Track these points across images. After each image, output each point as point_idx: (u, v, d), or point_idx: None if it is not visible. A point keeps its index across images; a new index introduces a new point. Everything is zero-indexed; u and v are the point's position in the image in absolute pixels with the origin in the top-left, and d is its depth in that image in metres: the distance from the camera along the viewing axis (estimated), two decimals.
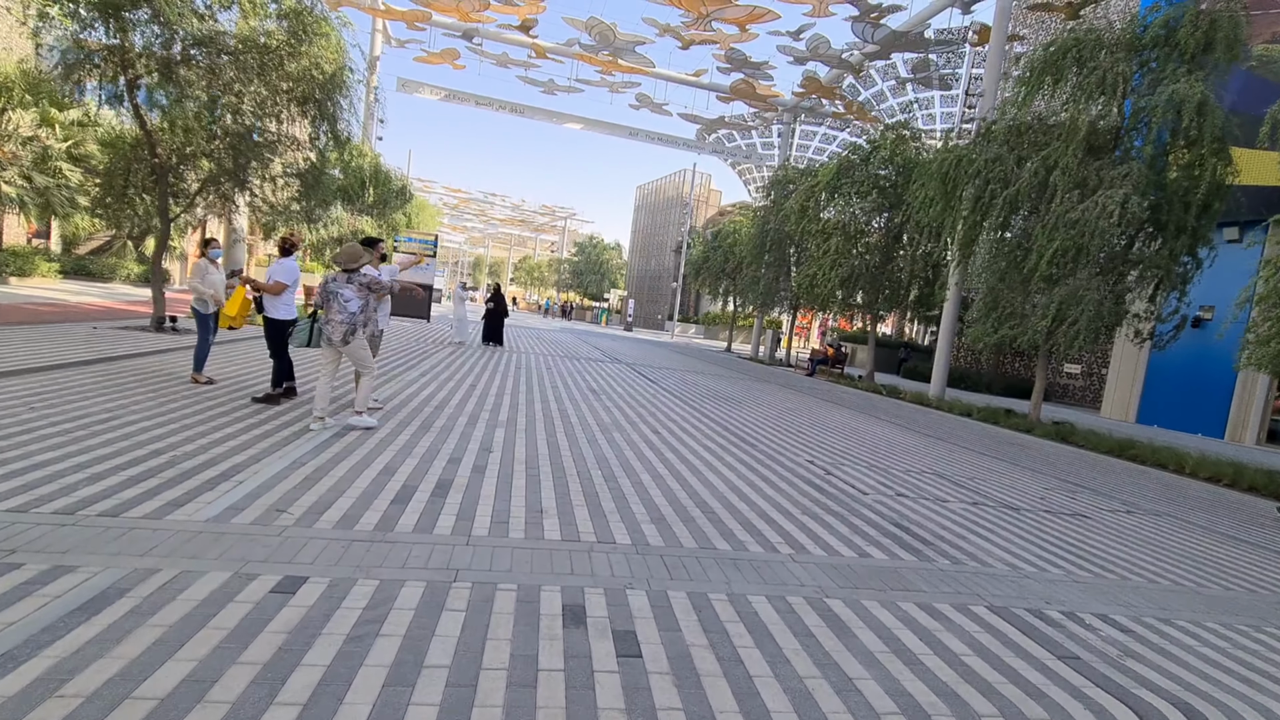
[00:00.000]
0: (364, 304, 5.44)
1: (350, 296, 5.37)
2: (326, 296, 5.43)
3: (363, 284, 5.43)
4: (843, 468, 6.50)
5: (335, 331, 5.38)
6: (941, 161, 14.38)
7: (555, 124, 26.92)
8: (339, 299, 5.36)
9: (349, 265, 5.47)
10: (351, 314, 5.36)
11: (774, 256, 26.10)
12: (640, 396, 10.14)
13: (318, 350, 5.85)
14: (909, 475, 6.59)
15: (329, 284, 5.45)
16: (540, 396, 8.83)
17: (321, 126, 11.54)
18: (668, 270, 59.07)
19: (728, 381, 15.10)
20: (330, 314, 5.41)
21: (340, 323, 5.36)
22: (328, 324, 5.44)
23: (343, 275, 5.47)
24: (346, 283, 5.40)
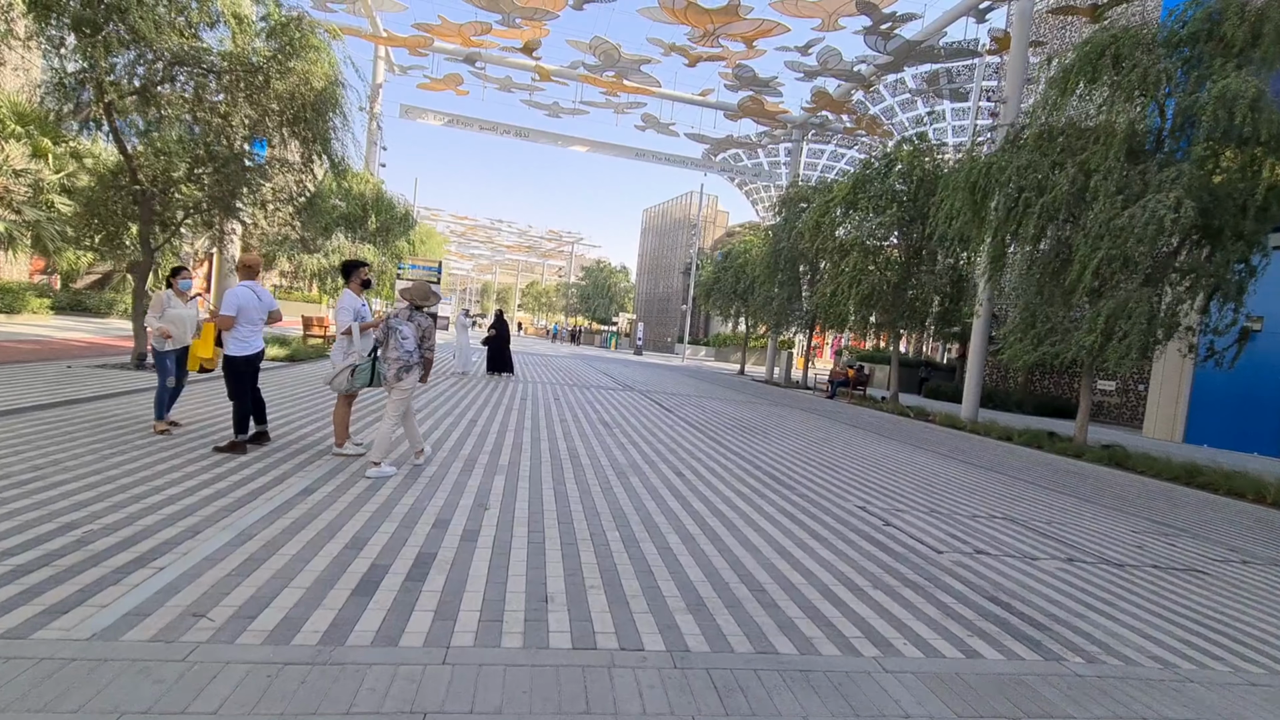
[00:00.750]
0: (419, 344, 5.33)
1: (408, 334, 5.26)
2: (387, 333, 5.30)
3: (421, 325, 5.34)
4: (900, 514, 5.57)
5: (390, 369, 5.28)
6: (969, 170, 13.59)
7: (560, 147, 26.58)
8: (397, 335, 5.24)
9: (417, 303, 5.39)
10: (408, 352, 5.25)
11: (787, 275, 25.31)
12: (657, 429, 9.26)
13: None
14: (977, 521, 5.64)
15: (391, 320, 5.34)
16: (547, 433, 7.97)
17: (315, 147, 10.92)
18: (676, 292, 58.47)
19: (747, 408, 14.18)
20: (387, 351, 5.29)
21: (394, 360, 5.24)
22: (384, 361, 5.34)
23: (406, 311, 5.35)
24: (408, 320, 5.29)
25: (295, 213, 11.44)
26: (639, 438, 8.30)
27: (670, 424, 9.95)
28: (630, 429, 9.01)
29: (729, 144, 30.07)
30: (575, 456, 6.64)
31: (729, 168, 31.57)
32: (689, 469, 6.55)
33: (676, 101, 26.59)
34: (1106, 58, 11.61)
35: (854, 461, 8.31)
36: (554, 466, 6.01)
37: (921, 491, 6.76)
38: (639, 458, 6.92)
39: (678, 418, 10.85)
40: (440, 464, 5.70)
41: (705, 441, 8.57)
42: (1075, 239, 11.81)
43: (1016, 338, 13.39)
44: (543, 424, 8.62)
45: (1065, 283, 12.08)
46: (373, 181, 21.37)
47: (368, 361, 5.54)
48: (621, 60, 21.81)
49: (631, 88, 24.44)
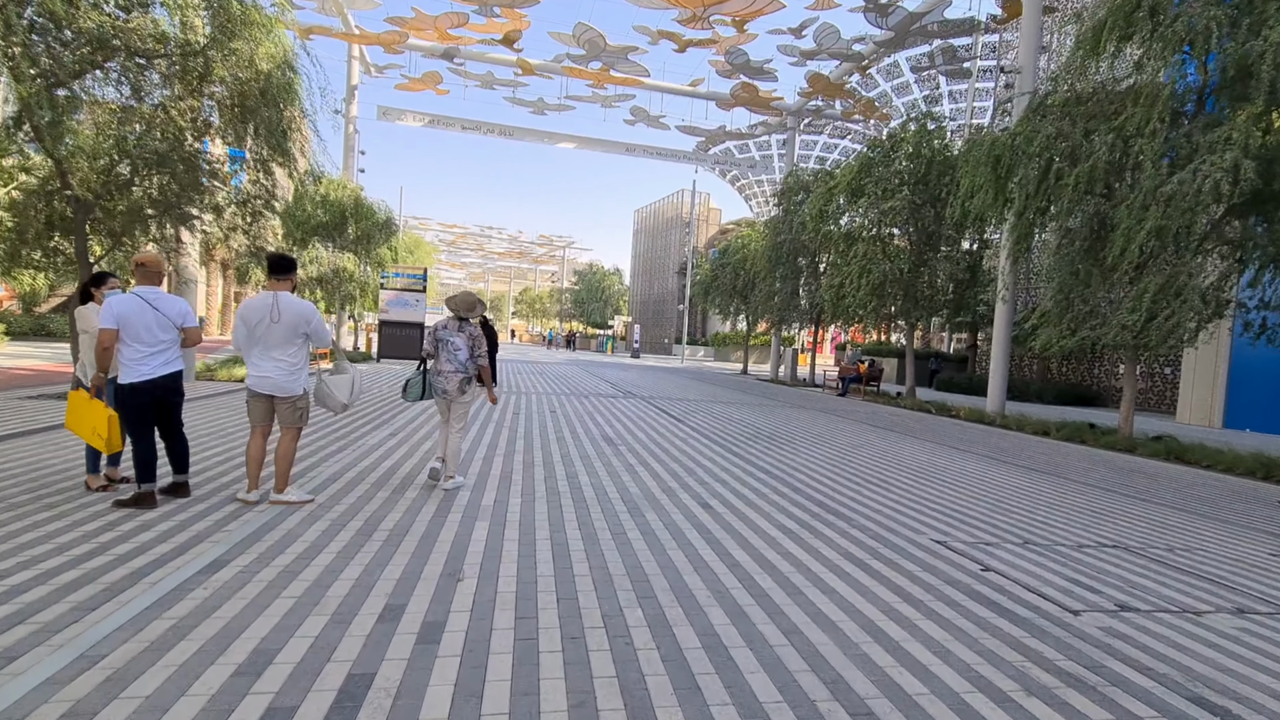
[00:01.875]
0: (471, 353, 5.19)
1: (460, 345, 5.14)
2: (436, 345, 5.19)
3: (472, 335, 5.20)
4: (991, 550, 4.42)
5: (449, 382, 5.15)
6: (991, 144, 12.51)
7: (547, 144, 25.45)
8: (449, 347, 5.14)
9: (463, 313, 5.21)
10: (462, 363, 5.15)
11: (788, 269, 24.24)
12: (668, 443, 8.11)
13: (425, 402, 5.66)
14: (1085, 553, 4.50)
15: (439, 331, 5.22)
16: (542, 455, 6.81)
17: (267, 143, 9.74)
18: (671, 293, 57.41)
19: (761, 411, 13.04)
20: (440, 364, 5.17)
21: (453, 372, 5.14)
22: (439, 375, 5.19)
23: (454, 323, 5.21)
24: (458, 331, 5.16)
25: (252, 219, 10.24)
26: (649, 456, 7.15)
27: (682, 436, 8.80)
28: (638, 444, 7.86)
29: (722, 136, 28.99)
30: (577, 488, 5.47)
31: (723, 160, 30.46)
32: (716, 497, 5.40)
33: (666, 93, 25.50)
34: (1143, 10, 10.53)
35: (899, 472, 7.17)
36: (551, 505, 4.85)
37: (997, 511, 5.62)
38: (653, 484, 5.76)
39: (689, 427, 9.70)
40: (407, 507, 4.53)
41: (726, 457, 7.42)
42: (1117, 212, 10.73)
43: (1051, 323, 12.32)
44: (536, 444, 7.46)
45: (1105, 260, 11.00)
46: (350, 188, 20.19)
47: (417, 375, 5.37)
48: (607, 49, 20.70)
49: (619, 79, 23.34)
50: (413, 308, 20.31)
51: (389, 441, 7.13)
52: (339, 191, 19.90)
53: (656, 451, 7.48)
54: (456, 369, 5.15)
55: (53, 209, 9.30)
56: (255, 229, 10.36)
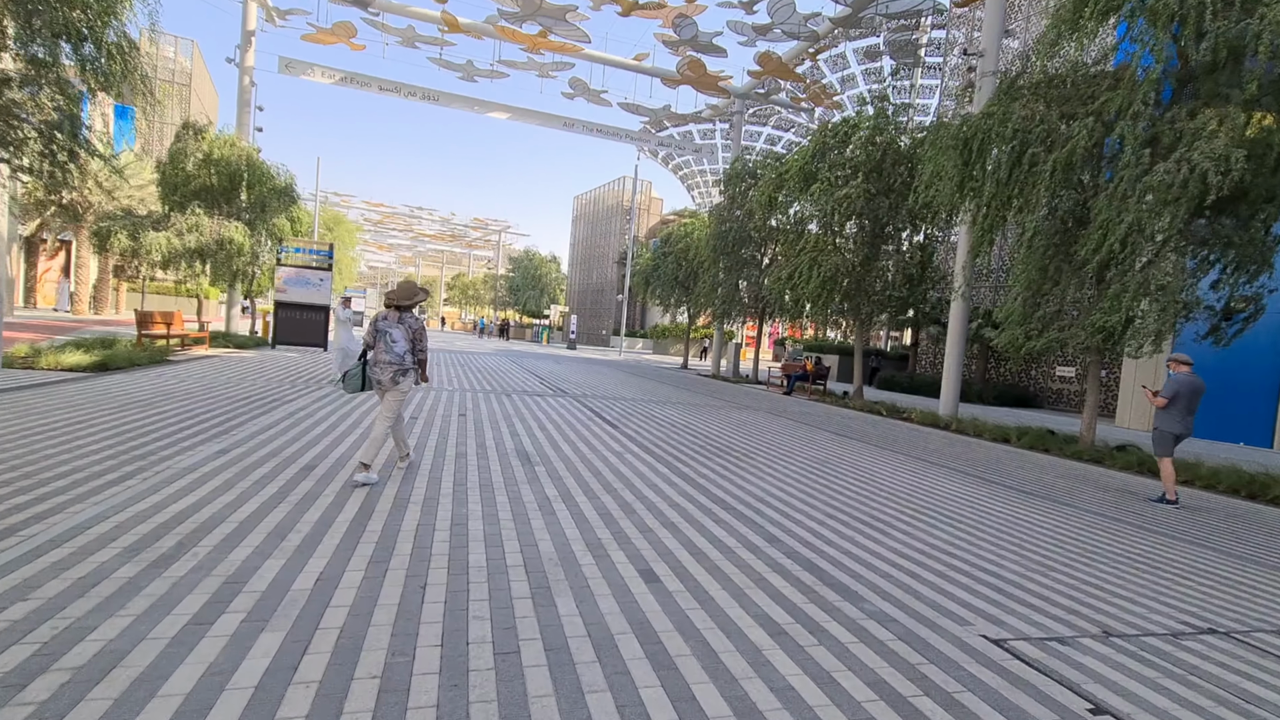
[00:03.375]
0: (410, 347, 5.17)
1: (399, 338, 5.13)
2: (375, 335, 5.14)
3: (412, 327, 5.17)
4: (1064, 647, 3.05)
5: (384, 373, 5.13)
6: (961, 125, 11.50)
7: (477, 113, 23.13)
8: (387, 339, 5.12)
9: (401, 303, 5.17)
10: (399, 355, 5.13)
11: (732, 260, 23.05)
12: (600, 461, 6.50)
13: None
14: (1187, 650, 3.21)
15: (379, 322, 5.17)
16: (427, 485, 5.05)
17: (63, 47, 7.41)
18: (610, 283, 55.72)
19: (705, 414, 11.63)
20: (378, 354, 5.14)
21: (388, 364, 5.12)
22: (375, 365, 5.17)
23: (394, 314, 5.18)
24: (398, 323, 5.15)
25: (64, 159, 7.86)
26: (574, 482, 5.52)
27: (617, 450, 7.21)
28: (562, 463, 6.21)
29: (666, 117, 27.43)
30: (460, 544, 3.77)
31: (666, 143, 28.92)
32: (663, 556, 3.83)
33: (609, 65, 23.69)
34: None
35: (885, 501, 5.84)
36: (409, 588, 3.14)
37: (1032, 567, 4.31)
38: (574, 532, 4.14)
39: (625, 437, 8.12)
40: (232, 572, 2.72)
41: (673, 482, 5.88)
42: (1095, 202, 9.87)
43: (1016, 322, 11.46)
44: (427, 464, 5.68)
45: (1077, 256, 10.18)
46: (242, 146, 17.37)
47: (357, 367, 5.36)
48: (543, 7, 18.70)
49: (557, 45, 21.36)
50: (316, 288, 17.78)
51: (236, 454, 5.19)
52: (227, 150, 17.09)
53: (584, 474, 5.85)
54: (393, 360, 5.12)
55: None
56: (67, 175, 7.98)
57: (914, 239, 18.00)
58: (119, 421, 6.38)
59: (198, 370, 11.23)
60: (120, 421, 6.38)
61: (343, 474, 5.12)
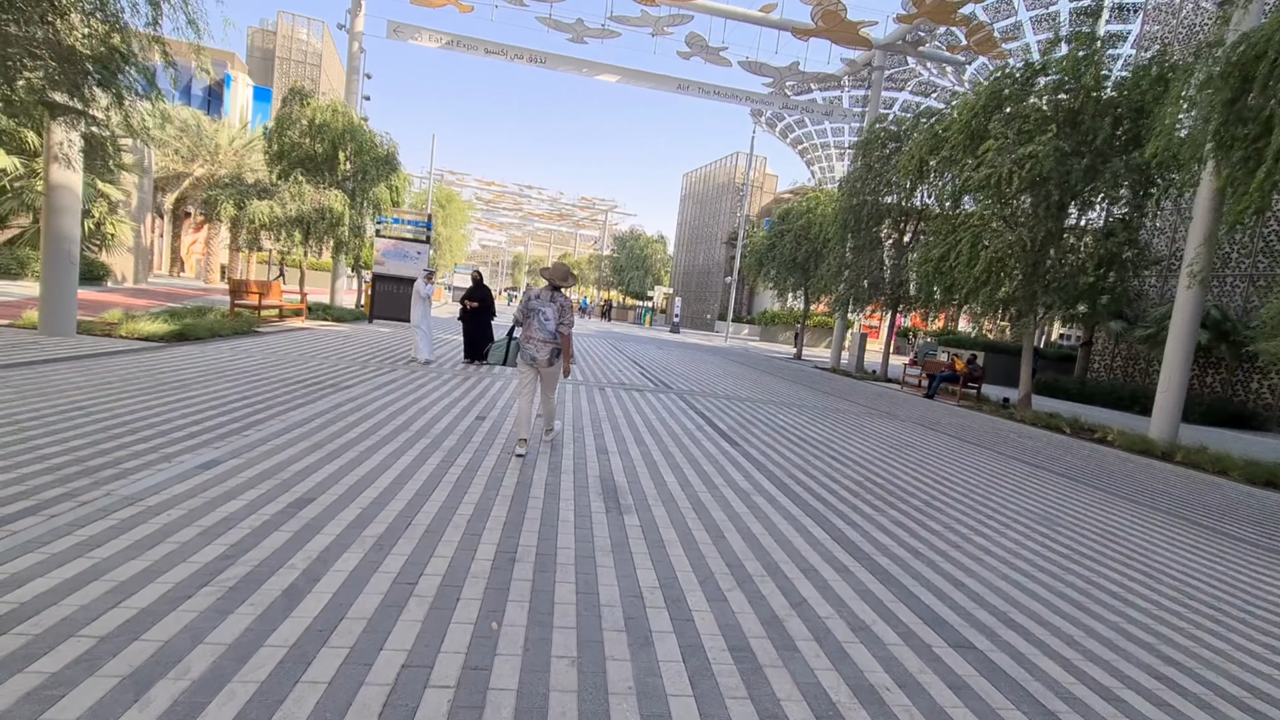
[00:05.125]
0: (559, 323, 5.28)
1: (551, 316, 5.24)
2: (527, 313, 5.27)
3: (562, 305, 5.30)
4: None
5: (540, 350, 5.23)
6: (1236, 47, 8.20)
7: (586, 75, 21.52)
8: (540, 316, 5.24)
9: (557, 282, 5.35)
10: (551, 332, 5.24)
11: (864, 238, 20.00)
12: (718, 505, 4.48)
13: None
14: None
15: (531, 300, 5.29)
16: (463, 542, 3.26)
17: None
18: (718, 264, 53.08)
19: (840, 422, 9.26)
20: (530, 331, 5.25)
21: (542, 341, 5.24)
22: (528, 342, 5.26)
23: (547, 292, 5.30)
24: (550, 301, 5.26)
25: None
26: (682, 551, 3.55)
27: (743, 484, 5.17)
28: (663, 508, 4.26)
29: (792, 75, 24.44)
30: (532, 644, 1.89)
31: (791, 105, 25.85)
32: None
33: (731, 19, 21.17)
34: None
35: (1202, 613, 3.39)
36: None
37: None
38: (677, 678, 2.15)
39: (750, 461, 6.05)
40: None
41: (838, 559, 3.77)
42: None
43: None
44: (472, 499, 3.93)
45: None
46: (343, 111, 16.79)
47: (504, 340, 5.61)
48: None
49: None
50: (413, 260, 16.99)
51: (263, 458, 3.70)
52: (329, 116, 16.52)
53: (696, 535, 3.87)
54: (546, 338, 5.23)
55: None
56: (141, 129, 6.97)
57: (1112, 211, 14.29)
58: (119, 409, 5.17)
59: (272, 344, 10.38)
60: (121, 409, 5.17)
61: (344, 513, 3.46)
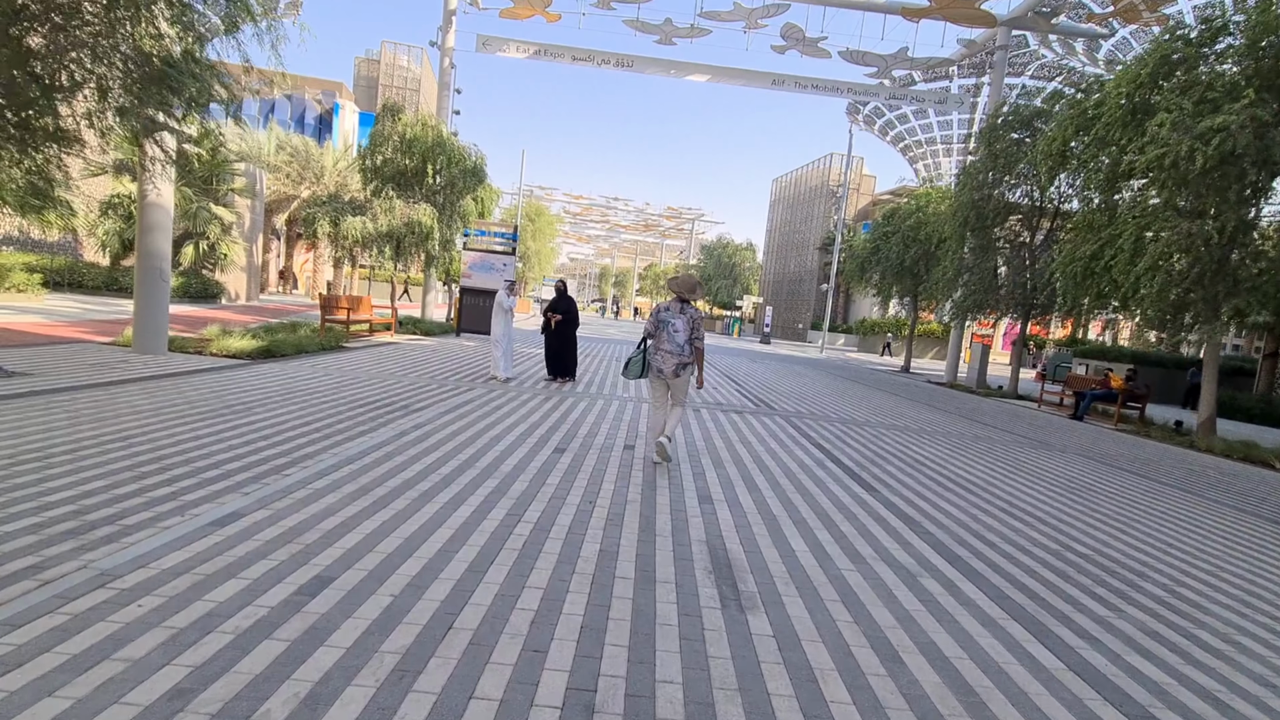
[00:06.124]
0: (690, 336, 5.25)
1: (680, 328, 5.24)
2: (657, 325, 5.29)
3: (692, 317, 5.27)
4: None
5: (666, 363, 5.25)
6: None
7: (674, 76, 20.60)
8: (669, 328, 5.25)
9: (683, 295, 5.34)
10: (680, 345, 5.24)
11: (985, 238, 17.70)
12: (876, 596, 3.20)
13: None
14: None
15: (661, 313, 5.31)
16: (546, 638, 2.20)
17: None
18: (810, 271, 50.64)
19: (989, 455, 7.59)
20: (660, 344, 5.28)
21: (669, 354, 5.23)
22: (657, 354, 5.29)
23: (676, 304, 5.32)
24: (679, 313, 5.27)
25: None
26: (842, 673, 2.33)
27: (895, 553, 3.85)
28: (801, 600, 3.05)
29: (900, 63, 22.39)
30: None
31: (899, 94, 23.69)
32: None
33: (831, 5, 19.59)
34: None
35: None
36: None
37: None
38: None
39: (897, 515, 4.69)
40: None
41: (1073, 690, 2.42)
42: None
43: None
44: (569, 577, 2.89)
45: None
46: (432, 125, 16.75)
47: (638, 353, 5.50)
48: None
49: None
50: (499, 272, 16.62)
51: (302, 503, 2.91)
52: (419, 130, 16.51)
53: (855, 650, 2.64)
54: (674, 350, 5.23)
55: None
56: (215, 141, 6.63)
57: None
58: (164, 439, 4.58)
59: (354, 361, 10.02)
60: (166, 439, 4.59)
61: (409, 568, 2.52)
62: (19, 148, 6.34)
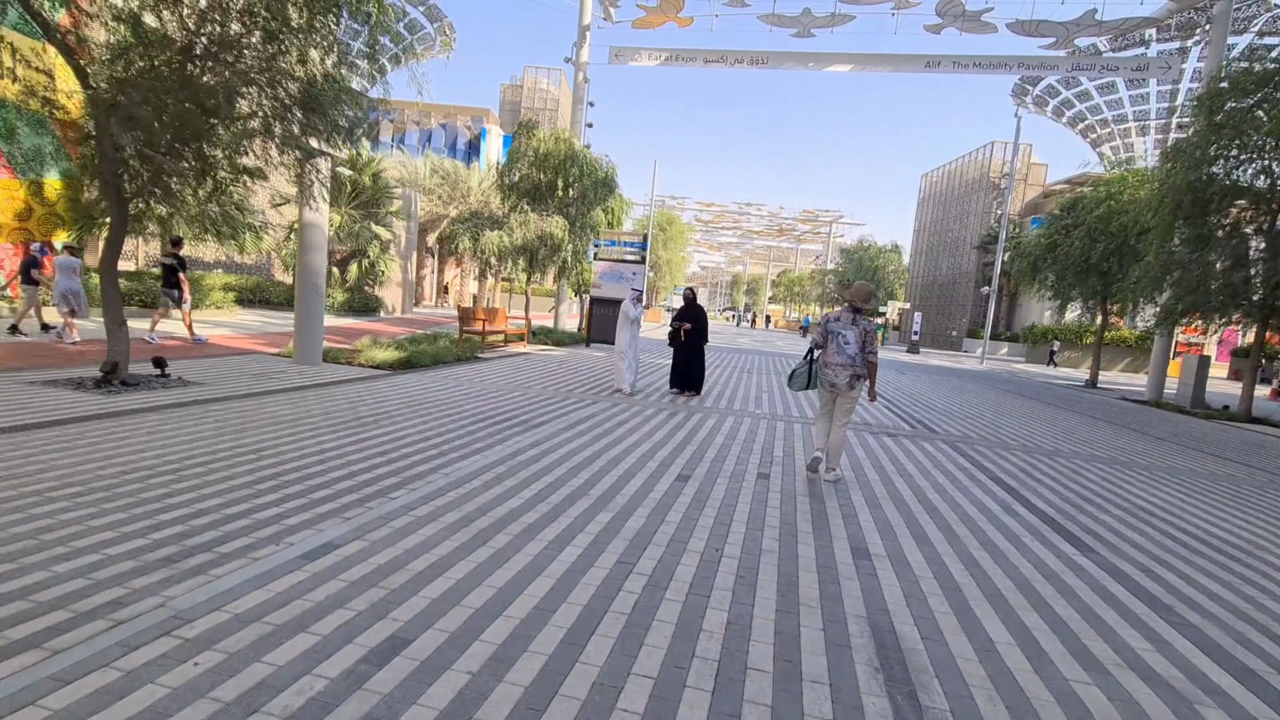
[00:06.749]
0: (865, 350, 5.00)
1: (851, 339, 5.00)
2: (826, 335, 5.10)
3: (865, 329, 4.99)
4: None
5: (839, 375, 5.05)
6: None
7: (813, 69, 19.32)
8: (839, 340, 5.04)
9: (857, 304, 5.05)
10: (851, 357, 5.01)
11: (1205, 227, 14.46)
12: None
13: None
14: None
15: (830, 323, 5.11)
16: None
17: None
18: (965, 273, 45.85)
19: (1256, 505, 5.78)
20: (829, 355, 5.09)
21: (840, 366, 5.05)
22: (826, 367, 5.11)
23: (847, 315, 5.06)
24: (851, 324, 5.02)
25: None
26: None
27: (1153, 661, 2.73)
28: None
29: (1085, 29, 19.29)
30: None
31: (1085, 64, 20.39)
32: None
33: None
34: None
35: None
36: None
37: None
38: None
39: (1132, 589, 3.48)
40: None
41: None
42: None
43: None
44: (688, 659, 2.24)
45: None
46: (564, 138, 17.01)
47: (804, 365, 5.32)
48: None
49: None
50: (628, 282, 16.44)
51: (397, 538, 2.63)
52: (552, 144, 16.81)
53: None
54: (845, 362, 5.02)
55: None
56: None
57: None
58: (290, 452, 4.56)
59: (485, 372, 10.12)
60: (293, 452, 4.56)
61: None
62: (198, 179, 6.93)
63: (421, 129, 39.44)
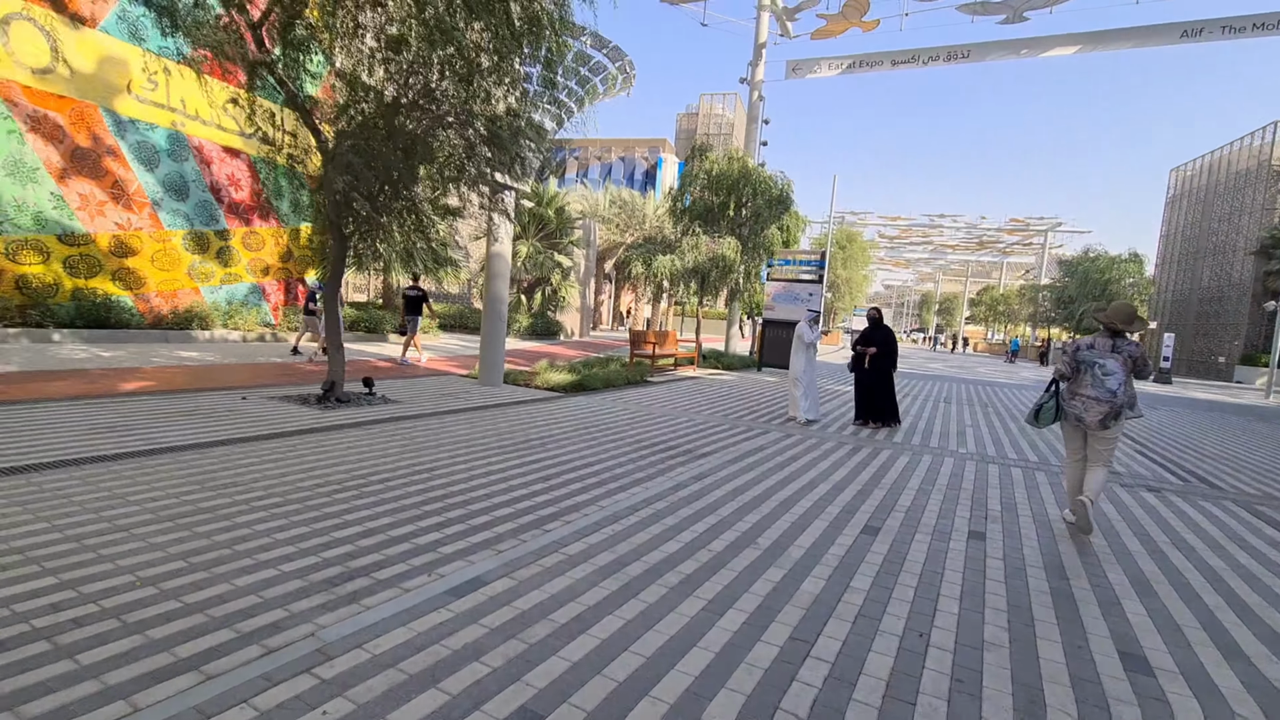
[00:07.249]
0: (1125, 381, 4.15)
1: (1114, 369, 4.16)
2: (1076, 367, 4.36)
3: (1131, 356, 4.16)
4: None
5: (1090, 411, 4.21)
6: None
7: (1025, 57, 16.84)
8: (1095, 371, 4.23)
9: (1118, 326, 4.23)
10: (1111, 390, 4.14)
11: None
12: None
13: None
14: None
15: (1080, 350, 4.36)
16: None
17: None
18: (1236, 285, 36.99)
19: None
20: (1079, 387, 4.32)
21: (1094, 399, 4.20)
22: (1074, 399, 4.35)
23: (1104, 340, 4.27)
24: (1111, 351, 4.21)
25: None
26: None
27: None
28: None
29: None
30: None
31: None
32: None
33: None
34: None
35: None
36: None
37: None
38: None
39: None
40: None
41: None
42: None
43: None
44: None
45: None
46: (738, 158, 16.65)
47: (1050, 398, 4.51)
48: None
49: None
50: (804, 303, 15.51)
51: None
52: (725, 165, 16.57)
53: None
54: (1100, 395, 4.18)
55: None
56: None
57: None
58: (442, 476, 4.63)
59: (653, 396, 9.96)
60: (444, 476, 4.62)
61: None
62: (403, 218, 7.67)
63: (603, 163, 41.88)
